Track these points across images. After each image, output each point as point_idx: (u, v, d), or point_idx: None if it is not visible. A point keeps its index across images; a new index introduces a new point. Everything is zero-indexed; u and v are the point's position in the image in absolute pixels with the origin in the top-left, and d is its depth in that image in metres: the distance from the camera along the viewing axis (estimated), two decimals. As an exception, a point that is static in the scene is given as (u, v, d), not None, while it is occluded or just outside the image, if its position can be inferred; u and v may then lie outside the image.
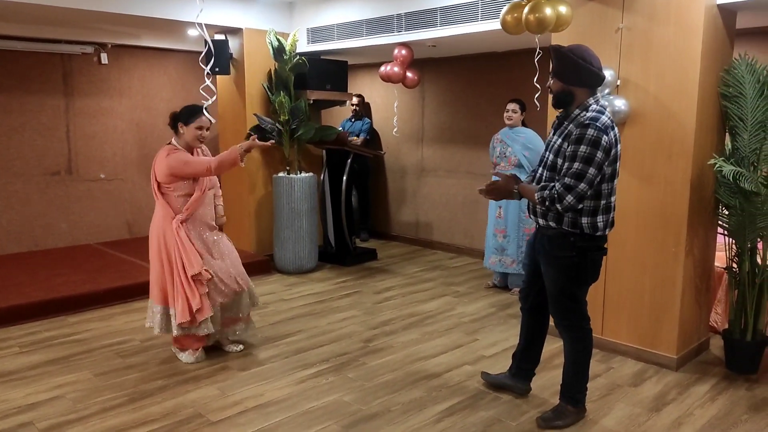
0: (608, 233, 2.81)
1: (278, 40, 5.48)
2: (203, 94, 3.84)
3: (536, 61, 4.10)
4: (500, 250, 5.04)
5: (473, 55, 6.22)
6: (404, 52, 5.33)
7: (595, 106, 2.71)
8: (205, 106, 3.53)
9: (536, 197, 2.72)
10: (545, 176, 2.81)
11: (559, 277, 2.83)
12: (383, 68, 5.45)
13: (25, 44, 5.89)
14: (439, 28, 4.71)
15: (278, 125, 5.60)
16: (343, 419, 2.97)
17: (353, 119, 6.91)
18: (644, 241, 3.60)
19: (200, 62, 4.57)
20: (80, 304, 4.63)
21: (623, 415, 3.04)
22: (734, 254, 3.60)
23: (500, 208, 4.99)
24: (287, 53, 5.50)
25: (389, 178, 7.34)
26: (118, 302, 4.79)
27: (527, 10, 3.40)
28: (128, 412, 3.03)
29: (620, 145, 2.73)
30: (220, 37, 5.67)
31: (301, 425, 2.91)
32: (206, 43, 3.74)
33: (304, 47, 5.86)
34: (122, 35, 6.02)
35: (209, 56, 4.22)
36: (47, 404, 3.11)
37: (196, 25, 3.95)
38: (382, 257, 6.42)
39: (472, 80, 6.35)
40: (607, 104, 3.51)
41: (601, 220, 2.73)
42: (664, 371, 3.55)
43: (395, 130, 6.36)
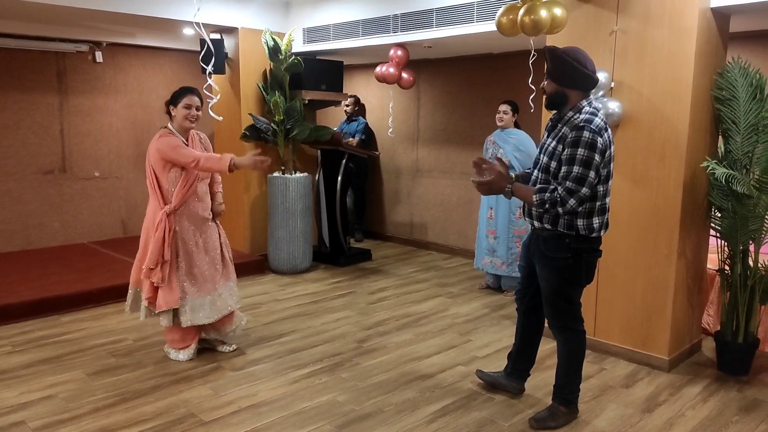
0: (603, 235, 2.83)
1: (274, 39, 5.48)
2: (206, 93, 3.84)
3: (531, 63, 4.12)
4: (491, 251, 5.05)
5: (469, 56, 6.23)
6: (400, 52, 5.33)
7: (588, 108, 2.72)
8: (210, 105, 3.52)
9: (534, 199, 2.70)
10: (540, 179, 2.82)
11: (554, 278, 2.84)
12: (379, 69, 5.45)
13: (18, 42, 5.87)
14: (435, 29, 4.72)
15: (273, 125, 5.59)
16: (336, 419, 2.97)
17: (348, 120, 6.92)
18: (637, 243, 3.62)
19: (200, 62, 4.56)
20: (73, 303, 4.61)
21: (615, 415, 3.05)
22: (726, 256, 3.62)
23: (491, 209, 5.01)
24: (283, 53, 5.49)
25: (384, 178, 7.35)
26: (111, 302, 4.77)
27: (522, 12, 3.41)
28: (121, 411, 3.02)
29: (613, 146, 2.75)
30: (215, 36, 5.66)
31: (294, 425, 2.91)
32: (204, 42, 3.74)
33: (299, 47, 5.86)
34: (117, 34, 6.00)
35: (209, 55, 4.22)
36: (39, 404, 3.10)
37: (193, 24, 3.94)
38: (376, 258, 6.43)
39: (467, 81, 6.37)
40: (601, 106, 3.53)
41: (596, 221, 2.74)
42: (656, 372, 3.56)
43: (390, 130, 6.37)
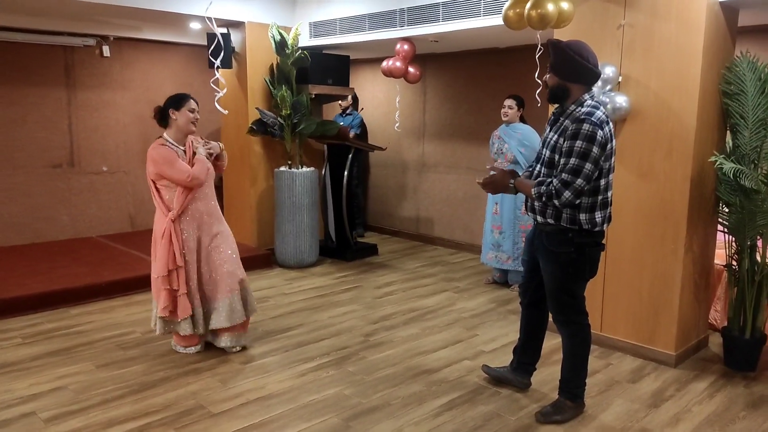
0: (606, 229, 2.83)
1: (280, 34, 5.48)
2: (213, 87, 3.84)
3: (537, 57, 4.11)
4: (497, 246, 5.06)
5: (475, 50, 6.22)
6: (406, 47, 5.33)
7: (590, 101, 2.73)
8: (216, 98, 3.52)
9: (533, 192, 2.73)
10: (543, 173, 2.82)
11: (557, 272, 2.84)
12: (385, 63, 5.45)
13: (26, 36, 5.89)
14: (441, 23, 4.71)
15: (280, 119, 5.60)
16: (343, 412, 2.99)
17: (343, 114, 6.89)
18: (644, 237, 3.61)
19: (209, 56, 4.56)
20: (81, 296, 4.65)
21: (621, 410, 3.06)
22: (734, 252, 3.61)
23: (497, 204, 5.01)
24: (289, 47, 5.50)
25: (390, 173, 7.35)
26: (119, 295, 4.81)
27: (529, 5, 3.40)
28: (130, 403, 3.05)
29: (615, 140, 2.74)
30: (222, 30, 5.67)
31: (302, 417, 2.93)
32: (214, 36, 3.74)
33: (306, 41, 5.86)
34: (124, 28, 6.02)
35: (218, 49, 4.21)
36: (49, 395, 3.14)
37: (205, 19, 3.94)
38: (382, 252, 6.44)
39: (473, 76, 6.35)
40: (608, 100, 3.53)
41: (599, 215, 2.75)
42: (662, 368, 3.56)
43: (397, 125, 6.37)
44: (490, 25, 4.38)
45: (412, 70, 5.52)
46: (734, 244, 3.60)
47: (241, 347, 3.74)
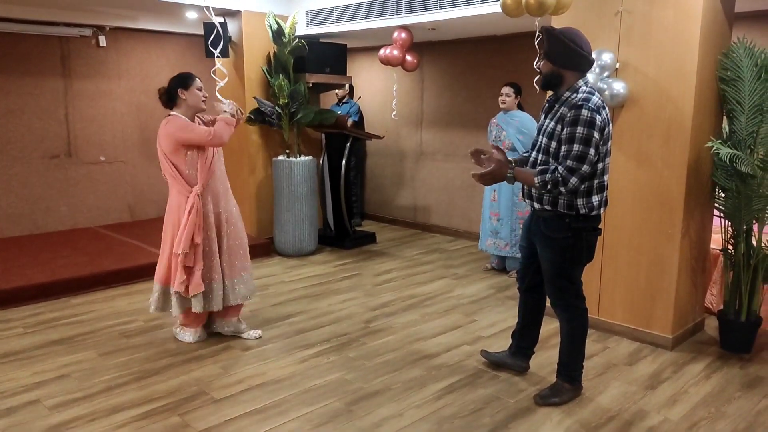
0: (603, 213, 2.86)
1: (277, 22, 5.47)
2: (214, 77, 3.83)
3: (536, 44, 4.11)
4: (494, 233, 5.09)
5: (473, 38, 6.22)
6: (404, 35, 5.33)
7: (584, 87, 2.75)
8: (217, 88, 3.52)
9: (536, 181, 2.73)
10: (540, 160, 2.84)
11: (555, 258, 2.87)
12: (382, 51, 5.45)
13: (22, 26, 5.86)
14: (439, 11, 4.71)
15: (278, 108, 5.61)
16: (345, 396, 3.03)
17: (339, 103, 6.89)
18: (641, 222, 3.65)
19: (209, 46, 4.54)
20: (82, 286, 4.67)
21: (619, 392, 3.10)
22: (730, 236, 3.65)
23: (494, 191, 5.04)
24: (286, 36, 5.49)
25: (388, 161, 7.36)
26: (120, 284, 4.84)
27: (527, -8, 3.41)
28: (133, 390, 3.09)
29: (612, 125, 2.76)
30: (218, 19, 5.65)
31: (304, 402, 2.97)
32: (212, 26, 3.74)
33: (303, 30, 5.85)
34: (120, 17, 5.99)
35: (218, 39, 4.21)
36: (53, 383, 3.17)
37: (203, 8, 3.94)
38: (381, 240, 6.47)
39: (471, 64, 6.36)
40: (605, 87, 3.54)
41: (596, 199, 2.78)
42: (659, 350, 3.61)
43: (394, 113, 6.37)
44: (487, 12, 4.39)
45: (409, 58, 5.52)
46: (730, 228, 3.64)
47: (259, 335, 3.79)
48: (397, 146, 7.22)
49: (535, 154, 2.90)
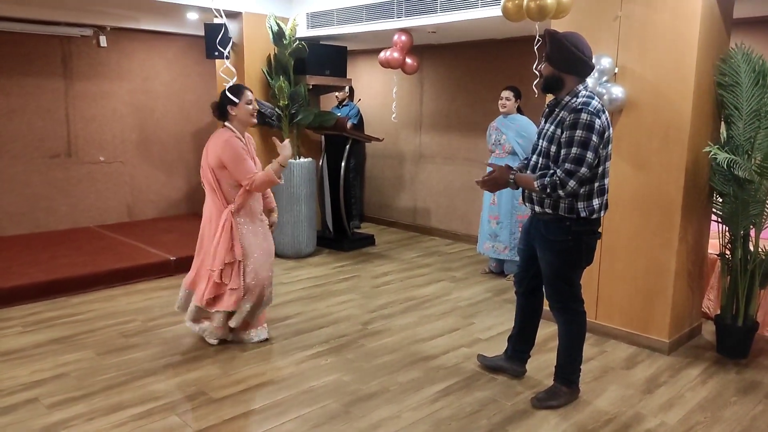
0: (603, 216, 2.88)
1: (278, 24, 5.48)
2: (223, 76, 3.85)
3: (536, 48, 4.13)
4: (493, 236, 5.11)
5: (473, 42, 6.24)
6: (404, 38, 5.35)
7: (584, 92, 2.77)
8: (226, 87, 3.53)
9: (536, 185, 2.76)
10: (540, 164, 2.86)
11: (554, 261, 2.89)
12: (383, 54, 5.47)
13: (24, 26, 5.88)
14: (439, 14, 4.73)
15: (278, 110, 5.62)
16: (343, 398, 3.04)
17: (339, 106, 6.90)
18: (639, 227, 3.66)
19: (218, 45, 4.59)
20: (82, 285, 4.67)
21: (616, 396, 3.12)
22: (727, 241, 3.67)
23: (494, 195, 5.06)
24: (287, 38, 5.51)
25: (387, 164, 7.38)
26: (119, 284, 4.84)
27: (528, -3, 3.43)
28: (132, 389, 3.09)
29: (612, 128, 2.79)
30: (219, 20, 5.67)
31: (302, 403, 2.98)
32: (214, 26, 3.75)
33: (303, 32, 5.87)
34: (121, 18, 6.01)
35: (225, 40, 4.25)
36: (52, 381, 3.17)
37: (212, 9, 3.97)
38: (379, 243, 6.48)
39: (471, 67, 6.38)
40: (604, 91, 3.56)
41: (596, 202, 2.79)
42: (656, 355, 3.63)
43: (394, 116, 6.39)
44: (488, 16, 4.41)
45: (409, 61, 5.54)
46: (727, 233, 3.66)
47: (265, 337, 3.77)
48: (396, 149, 7.24)
49: (535, 158, 2.92)
